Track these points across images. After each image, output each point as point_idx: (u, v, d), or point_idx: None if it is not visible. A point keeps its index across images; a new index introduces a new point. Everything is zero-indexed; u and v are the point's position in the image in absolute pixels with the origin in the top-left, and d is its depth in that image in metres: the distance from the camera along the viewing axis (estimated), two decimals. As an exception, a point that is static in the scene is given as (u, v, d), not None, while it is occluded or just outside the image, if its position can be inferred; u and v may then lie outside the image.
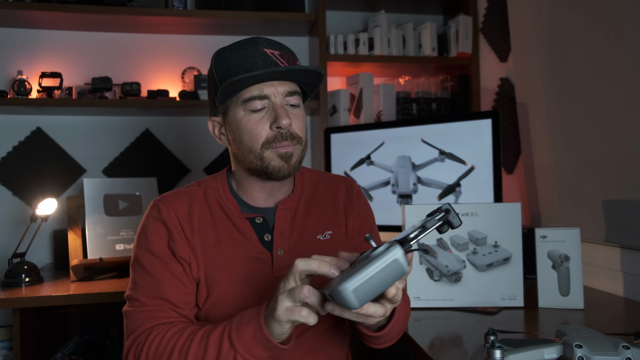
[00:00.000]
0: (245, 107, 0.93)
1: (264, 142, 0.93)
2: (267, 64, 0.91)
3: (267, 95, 0.93)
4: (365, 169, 1.83)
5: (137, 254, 0.95)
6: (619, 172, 1.34)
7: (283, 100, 0.94)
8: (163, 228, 0.95)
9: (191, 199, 0.99)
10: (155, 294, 0.91)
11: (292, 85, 0.96)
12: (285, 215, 1.01)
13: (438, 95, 2.21)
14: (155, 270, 0.92)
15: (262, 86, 0.92)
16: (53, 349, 1.84)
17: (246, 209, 1.00)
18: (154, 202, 0.99)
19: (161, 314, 0.89)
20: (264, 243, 0.98)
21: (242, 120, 0.94)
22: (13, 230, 2.03)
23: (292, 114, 0.95)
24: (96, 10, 1.87)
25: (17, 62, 2.04)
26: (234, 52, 0.93)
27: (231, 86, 0.90)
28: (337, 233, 1.04)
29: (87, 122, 2.12)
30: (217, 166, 2.21)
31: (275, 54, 0.93)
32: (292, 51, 0.98)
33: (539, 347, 0.82)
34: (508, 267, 1.26)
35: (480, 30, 2.13)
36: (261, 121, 0.93)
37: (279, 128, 0.92)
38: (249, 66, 0.91)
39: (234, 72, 0.92)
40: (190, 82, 2.14)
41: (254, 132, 0.93)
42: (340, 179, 1.11)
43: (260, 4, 2.05)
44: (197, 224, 0.96)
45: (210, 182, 1.03)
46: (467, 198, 1.64)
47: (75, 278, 1.71)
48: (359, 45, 2.09)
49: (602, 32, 1.37)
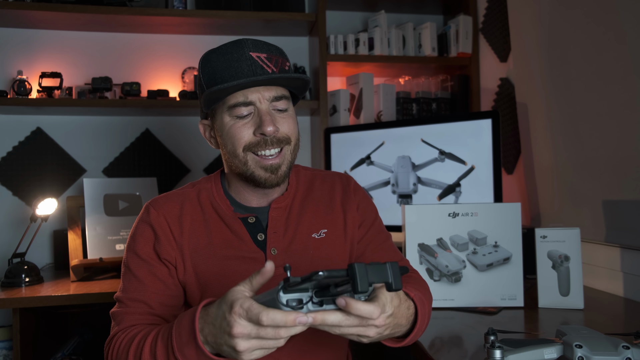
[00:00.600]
0: (231, 113, 0.93)
1: (245, 145, 0.93)
2: (252, 69, 0.90)
3: (253, 102, 0.92)
4: (365, 169, 1.83)
5: (126, 257, 0.97)
6: (619, 172, 1.34)
7: (269, 106, 0.93)
8: (150, 231, 0.96)
9: (183, 201, 0.99)
10: (137, 297, 0.92)
11: (279, 90, 0.94)
12: (279, 214, 1.01)
13: (438, 95, 2.21)
14: (140, 273, 0.94)
15: (247, 92, 0.92)
16: (53, 349, 1.84)
17: (239, 209, 1.00)
18: (146, 205, 1.00)
19: (136, 316, 0.91)
20: (257, 243, 0.98)
21: (228, 126, 0.94)
22: (13, 230, 2.03)
23: (279, 118, 0.94)
24: (96, 10, 1.87)
25: (17, 62, 2.04)
26: (219, 55, 0.92)
27: (215, 93, 0.90)
28: (333, 231, 1.03)
29: (87, 122, 2.12)
30: (217, 166, 2.21)
31: (261, 57, 0.92)
32: (282, 51, 0.97)
33: (539, 347, 0.82)
34: (508, 267, 1.26)
35: (480, 30, 2.13)
36: (245, 126, 0.93)
37: (262, 134, 0.92)
38: (233, 71, 0.90)
39: (219, 77, 0.91)
40: (190, 82, 2.14)
41: (237, 136, 0.93)
42: (336, 175, 1.11)
43: (260, 4, 2.05)
44: (188, 226, 0.97)
45: (203, 184, 1.04)
46: (467, 198, 1.64)
47: (75, 278, 1.71)
48: (359, 45, 2.09)
49: (602, 32, 1.37)
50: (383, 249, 1.07)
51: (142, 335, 0.83)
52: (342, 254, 1.03)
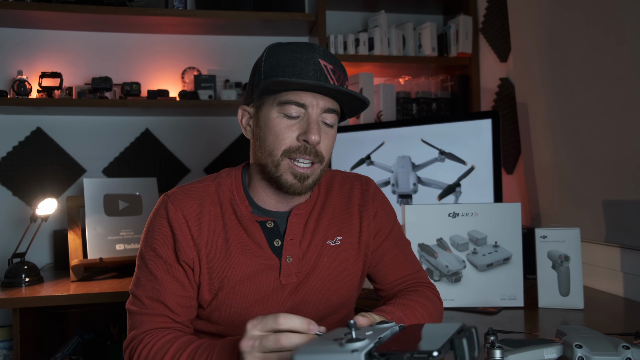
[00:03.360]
0: (280, 109, 0.90)
1: (285, 149, 0.90)
2: (317, 75, 0.88)
3: (305, 105, 0.89)
4: (365, 169, 1.83)
5: (142, 251, 0.94)
6: (619, 172, 1.34)
7: (320, 116, 0.91)
8: (168, 229, 0.93)
9: (202, 197, 0.96)
10: (155, 296, 0.91)
11: (334, 104, 0.92)
12: (299, 220, 0.98)
13: (438, 95, 2.21)
14: (158, 272, 0.92)
15: (302, 94, 0.89)
16: (53, 349, 1.84)
17: (257, 211, 0.97)
18: (163, 198, 0.96)
19: (158, 319, 0.90)
20: (273, 249, 0.95)
21: (273, 121, 0.90)
22: (13, 230, 2.03)
23: (323, 131, 0.91)
24: (96, 10, 1.87)
25: (17, 62, 2.04)
26: (288, 51, 0.90)
27: (274, 84, 0.87)
28: (348, 238, 1.01)
29: (87, 122, 2.12)
30: (217, 166, 2.21)
31: (328, 68, 0.90)
32: (345, 70, 0.94)
33: (539, 347, 0.81)
34: (508, 267, 1.26)
35: (480, 30, 2.13)
36: (291, 128, 0.90)
37: (305, 142, 0.89)
38: (298, 70, 0.88)
39: (281, 71, 0.88)
40: (190, 82, 2.14)
41: (280, 136, 0.90)
42: (356, 178, 1.07)
43: (260, 4, 2.05)
44: (207, 225, 0.94)
45: (224, 179, 0.99)
46: (467, 198, 1.64)
47: (75, 278, 1.71)
48: (359, 45, 2.09)
49: (602, 32, 1.37)
50: (399, 261, 1.05)
51: (179, 346, 0.83)
52: (356, 264, 1.01)
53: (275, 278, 0.94)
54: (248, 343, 0.68)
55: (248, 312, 0.93)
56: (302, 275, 0.96)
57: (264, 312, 0.93)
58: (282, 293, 0.95)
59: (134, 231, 1.84)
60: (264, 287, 0.94)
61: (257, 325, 0.69)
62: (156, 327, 0.89)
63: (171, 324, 0.91)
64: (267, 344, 0.67)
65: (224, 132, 2.23)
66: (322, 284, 0.97)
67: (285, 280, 0.94)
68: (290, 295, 0.95)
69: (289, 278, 0.95)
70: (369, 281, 1.10)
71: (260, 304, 0.93)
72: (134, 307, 0.92)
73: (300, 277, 0.96)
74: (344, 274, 0.99)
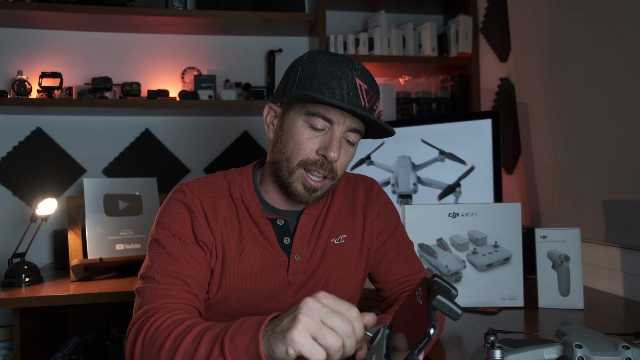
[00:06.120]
0: (307, 118, 0.90)
1: (302, 160, 0.91)
2: (349, 93, 0.88)
3: (332, 121, 0.90)
4: (365, 169, 1.83)
5: (156, 234, 0.91)
6: (619, 172, 1.34)
7: (344, 134, 0.91)
8: (186, 211, 0.92)
9: (217, 191, 0.96)
10: (170, 273, 0.87)
11: (360, 124, 0.93)
12: (310, 220, 1.00)
13: (438, 95, 2.21)
14: (175, 250, 0.89)
15: (332, 109, 0.89)
16: (53, 349, 1.84)
17: (267, 209, 0.99)
18: (179, 186, 0.96)
19: (172, 292, 0.85)
20: (282, 246, 0.97)
21: (297, 129, 0.91)
22: (13, 230, 2.03)
23: (343, 149, 0.92)
24: (96, 10, 1.87)
25: (17, 62, 2.04)
26: (327, 63, 0.90)
27: (305, 97, 0.87)
28: (352, 237, 1.02)
29: (87, 122, 2.12)
30: (217, 166, 2.21)
31: (362, 88, 0.90)
32: (378, 90, 0.95)
33: (539, 347, 0.82)
34: (508, 267, 1.26)
35: (480, 30, 2.13)
36: (312, 140, 0.90)
37: (324, 157, 0.90)
38: (333, 85, 0.88)
39: (316, 82, 0.88)
40: (190, 82, 2.14)
41: (301, 145, 0.90)
42: (360, 178, 1.09)
43: (260, 4, 2.05)
44: (223, 215, 0.94)
45: (235, 176, 1.00)
46: (467, 198, 1.64)
47: (75, 278, 1.71)
48: (359, 45, 2.09)
49: (601, 33, 1.37)
50: (400, 260, 1.06)
51: (191, 323, 0.76)
52: (359, 262, 1.02)
53: (282, 275, 0.96)
54: (316, 305, 0.64)
55: (254, 307, 0.94)
56: (308, 273, 0.98)
57: (270, 308, 0.94)
58: (289, 290, 0.96)
59: (134, 231, 1.84)
60: (272, 283, 0.95)
61: (330, 300, 0.66)
62: (169, 301, 0.84)
63: (187, 297, 0.86)
64: (336, 320, 0.63)
65: (224, 132, 2.23)
66: (327, 281, 0.99)
67: (293, 278, 0.96)
68: (296, 292, 0.97)
69: (296, 276, 0.96)
70: (370, 281, 1.11)
71: (267, 300, 0.94)
72: (144, 284, 0.86)
73: (306, 275, 0.97)
74: (347, 271, 1.01)
